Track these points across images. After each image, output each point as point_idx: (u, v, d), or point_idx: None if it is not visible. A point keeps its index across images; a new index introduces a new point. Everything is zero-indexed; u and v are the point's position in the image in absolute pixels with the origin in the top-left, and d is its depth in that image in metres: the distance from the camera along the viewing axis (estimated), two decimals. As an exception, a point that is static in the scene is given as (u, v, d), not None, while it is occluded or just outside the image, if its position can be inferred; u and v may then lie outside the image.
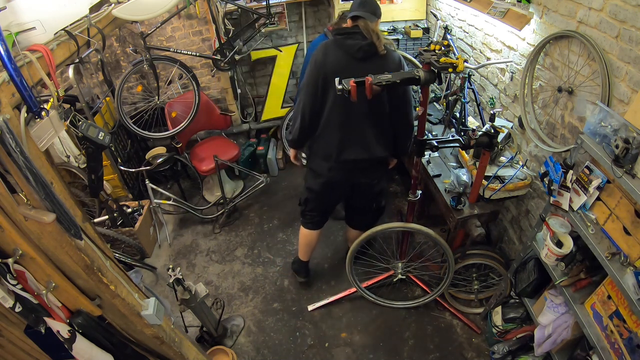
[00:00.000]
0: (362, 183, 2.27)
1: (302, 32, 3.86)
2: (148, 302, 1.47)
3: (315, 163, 2.24)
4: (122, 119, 3.00)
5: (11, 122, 0.97)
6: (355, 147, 2.08)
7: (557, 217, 1.73)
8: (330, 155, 2.12)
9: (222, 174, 3.38)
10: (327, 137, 2.09)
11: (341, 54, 1.94)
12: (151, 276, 3.01)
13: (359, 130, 2.05)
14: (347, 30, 1.95)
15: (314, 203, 2.44)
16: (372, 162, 2.17)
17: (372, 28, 1.93)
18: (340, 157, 2.10)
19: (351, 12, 1.97)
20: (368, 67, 1.87)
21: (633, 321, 1.35)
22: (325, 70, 1.94)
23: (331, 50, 1.96)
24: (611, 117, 1.34)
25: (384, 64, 1.93)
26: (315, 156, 2.23)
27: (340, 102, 1.98)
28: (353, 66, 1.91)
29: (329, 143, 2.10)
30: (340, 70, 1.88)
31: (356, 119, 2.02)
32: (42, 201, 1.02)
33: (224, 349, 2.32)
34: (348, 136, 2.06)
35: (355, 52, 1.91)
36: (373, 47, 1.91)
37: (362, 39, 1.91)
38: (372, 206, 2.49)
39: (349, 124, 2.04)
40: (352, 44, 1.92)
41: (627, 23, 1.47)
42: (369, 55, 1.92)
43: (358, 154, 2.09)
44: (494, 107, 2.56)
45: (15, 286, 1.13)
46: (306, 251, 2.70)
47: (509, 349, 2.13)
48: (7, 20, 1.24)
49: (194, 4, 3.15)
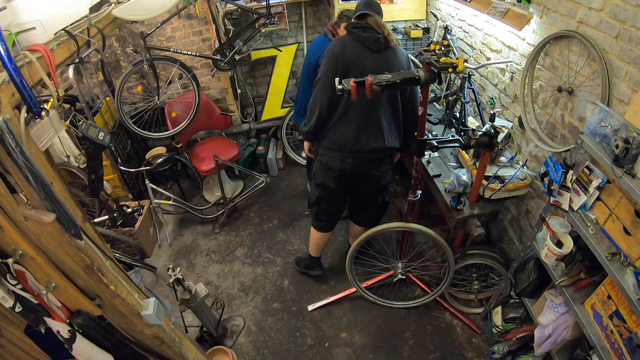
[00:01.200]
0: (371, 175, 2.30)
1: (302, 32, 3.86)
2: (148, 302, 1.47)
3: (327, 156, 2.25)
4: (122, 119, 3.00)
5: (11, 122, 0.97)
6: (372, 135, 2.12)
7: (557, 217, 1.73)
8: (345, 144, 2.14)
9: (222, 174, 3.38)
10: (344, 127, 2.13)
11: (358, 46, 2.01)
12: (151, 276, 3.01)
13: (376, 119, 2.10)
14: (361, 24, 2.02)
15: (326, 201, 2.44)
16: (384, 153, 2.22)
17: (382, 23, 2.02)
18: (356, 146, 2.14)
19: (358, 11, 2.06)
20: (383, 58, 2.00)
21: (633, 321, 1.35)
22: (345, 61, 2.00)
23: (348, 42, 2.03)
24: (611, 117, 1.34)
25: (396, 57, 2.04)
26: (327, 150, 2.24)
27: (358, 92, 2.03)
28: (369, 57, 1.99)
29: (346, 132, 2.13)
30: (358, 61, 1.99)
31: (373, 108, 2.07)
32: (42, 201, 1.02)
33: (224, 349, 2.32)
34: (365, 125, 2.10)
35: (372, 44, 1.98)
36: (386, 40, 2.00)
37: (377, 32, 2.00)
38: (378, 200, 2.49)
39: (367, 113, 2.08)
40: (368, 36, 1.99)
41: (627, 23, 1.47)
42: (383, 47, 2.01)
43: (374, 142, 2.13)
44: (494, 107, 2.56)
45: (15, 286, 1.13)
46: (318, 249, 2.73)
47: (509, 349, 2.13)
48: (7, 20, 1.24)
49: (194, 4, 3.15)
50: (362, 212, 2.64)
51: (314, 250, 2.74)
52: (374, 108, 2.06)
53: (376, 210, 2.60)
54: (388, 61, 2.02)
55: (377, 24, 2.01)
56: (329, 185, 2.34)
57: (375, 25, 2.00)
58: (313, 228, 2.62)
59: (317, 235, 2.62)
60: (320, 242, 2.67)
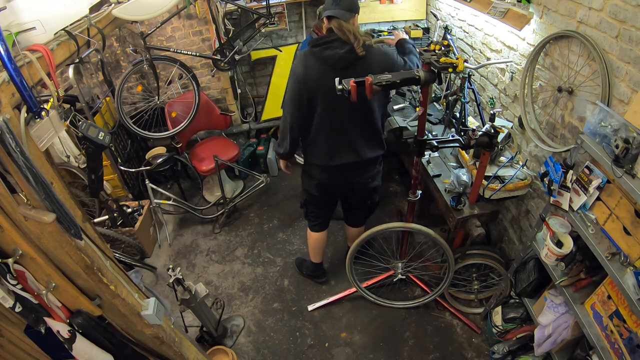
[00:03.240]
0: (356, 182, 2.28)
1: (302, 32, 3.86)
2: (148, 302, 1.47)
3: (309, 166, 2.25)
4: (122, 119, 3.00)
5: (11, 122, 0.97)
6: (345, 152, 2.08)
7: (557, 217, 1.73)
8: (321, 161, 2.13)
9: (222, 174, 3.38)
10: (319, 144, 2.09)
11: (321, 67, 1.86)
12: (151, 276, 3.01)
13: (349, 135, 2.04)
14: (323, 40, 1.86)
15: (313, 204, 2.46)
16: (363, 164, 2.17)
17: (348, 28, 1.82)
18: (331, 163, 2.11)
19: (326, 10, 1.86)
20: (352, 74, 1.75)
21: (633, 321, 1.35)
22: (308, 86, 1.90)
23: (310, 63, 1.89)
24: (611, 117, 1.34)
25: (368, 65, 1.86)
26: (307, 162, 2.25)
27: (329, 110, 1.97)
28: (336, 77, 1.77)
29: (320, 150, 2.10)
30: (324, 84, 1.83)
31: (347, 123, 2.01)
32: (42, 201, 1.02)
33: (224, 349, 2.32)
34: (338, 143, 2.06)
35: (335, 63, 1.84)
36: (353, 53, 1.83)
37: (341, 47, 1.82)
38: (367, 203, 2.49)
39: (339, 131, 2.02)
40: (330, 55, 1.83)
41: (627, 23, 1.47)
42: (351, 61, 1.84)
43: (348, 158, 2.10)
44: (494, 107, 2.56)
45: (15, 286, 1.13)
46: (318, 253, 2.71)
47: (509, 349, 2.13)
48: (7, 20, 1.24)
49: (194, 4, 3.15)
50: (353, 213, 2.63)
51: (313, 255, 2.73)
52: (349, 123, 2.00)
53: (365, 211, 2.60)
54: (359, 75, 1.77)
55: (343, 31, 1.80)
56: (311, 193, 2.36)
57: (340, 32, 1.81)
58: (308, 230, 2.62)
59: (313, 237, 2.61)
60: (317, 244, 2.65)
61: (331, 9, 1.82)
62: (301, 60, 1.93)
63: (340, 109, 1.96)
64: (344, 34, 1.81)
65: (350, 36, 1.81)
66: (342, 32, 1.82)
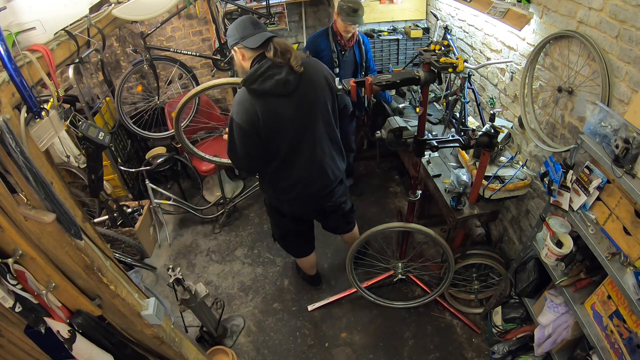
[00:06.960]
0: (325, 207, 2.17)
1: (302, 32, 3.86)
2: (148, 302, 1.47)
3: (276, 202, 2.12)
4: (122, 119, 3.00)
5: (11, 122, 0.97)
6: (316, 177, 1.95)
7: (557, 217, 1.73)
8: (289, 192, 1.97)
9: (222, 174, 3.38)
10: (285, 177, 1.92)
11: (269, 100, 1.66)
12: (151, 276, 3.01)
13: (318, 158, 1.90)
14: (257, 73, 1.62)
15: (293, 236, 2.35)
16: (333, 186, 2.06)
17: (279, 43, 1.65)
18: (303, 192, 1.96)
19: (244, 41, 1.63)
20: (299, 95, 1.69)
21: (633, 321, 1.35)
22: (258, 129, 1.69)
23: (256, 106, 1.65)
24: (611, 117, 1.34)
25: (312, 81, 1.73)
26: (274, 197, 2.08)
27: (294, 143, 1.81)
28: (285, 106, 1.69)
29: (287, 184, 1.94)
30: (275, 119, 1.68)
31: (315, 148, 1.86)
32: (42, 201, 1.02)
33: (224, 349, 2.32)
34: (310, 169, 1.91)
35: (283, 90, 1.64)
36: (294, 73, 1.64)
37: (278, 71, 1.62)
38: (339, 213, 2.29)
39: (308, 156, 1.86)
40: (271, 86, 1.62)
41: (627, 23, 1.47)
42: (295, 83, 1.67)
43: (320, 181, 1.97)
44: (494, 107, 2.56)
45: (15, 286, 1.13)
46: (312, 269, 2.70)
47: (509, 349, 2.13)
48: (7, 20, 1.25)
49: (194, 4, 3.15)
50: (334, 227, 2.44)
51: (307, 270, 2.71)
52: (316, 147, 1.85)
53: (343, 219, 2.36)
54: (307, 96, 1.69)
55: (277, 52, 1.60)
56: (288, 228, 2.26)
57: (273, 56, 1.60)
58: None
59: (302, 261, 2.57)
60: (307, 264, 2.61)
61: (255, 34, 1.63)
62: (242, 107, 1.67)
63: (306, 134, 1.80)
64: (281, 53, 1.62)
65: (287, 54, 1.64)
66: (279, 52, 1.62)
